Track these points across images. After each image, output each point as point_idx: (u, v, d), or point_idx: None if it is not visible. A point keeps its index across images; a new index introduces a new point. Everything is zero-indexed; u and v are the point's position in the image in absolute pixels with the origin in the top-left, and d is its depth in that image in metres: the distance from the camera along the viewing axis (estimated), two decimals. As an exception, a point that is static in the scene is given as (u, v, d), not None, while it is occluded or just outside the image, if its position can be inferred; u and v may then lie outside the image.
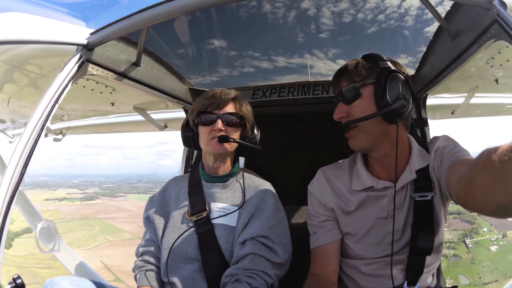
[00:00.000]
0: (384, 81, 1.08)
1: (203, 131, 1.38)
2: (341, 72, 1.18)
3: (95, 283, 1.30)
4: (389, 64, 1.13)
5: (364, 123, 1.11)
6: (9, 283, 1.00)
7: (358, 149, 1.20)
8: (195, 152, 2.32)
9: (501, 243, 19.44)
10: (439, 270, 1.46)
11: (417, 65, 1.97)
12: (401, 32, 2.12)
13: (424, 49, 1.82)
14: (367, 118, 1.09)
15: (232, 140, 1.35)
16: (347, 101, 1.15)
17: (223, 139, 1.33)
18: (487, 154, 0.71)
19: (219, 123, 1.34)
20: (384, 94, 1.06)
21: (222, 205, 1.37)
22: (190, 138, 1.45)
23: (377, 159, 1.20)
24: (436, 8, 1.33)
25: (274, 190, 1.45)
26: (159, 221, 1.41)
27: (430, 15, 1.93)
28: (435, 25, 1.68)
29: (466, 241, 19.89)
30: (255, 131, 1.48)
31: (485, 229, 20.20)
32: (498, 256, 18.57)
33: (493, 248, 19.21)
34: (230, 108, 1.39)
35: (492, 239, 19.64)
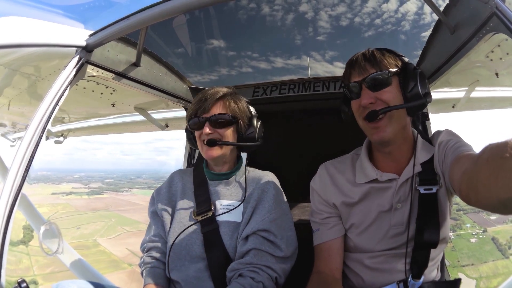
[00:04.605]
0: (414, 74, 1.12)
1: (196, 136, 1.38)
2: (367, 59, 1.15)
3: (100, 286, 1.31)
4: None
5: (397, 112, 1.11)
6: (14, 287, 1.01)
7: (386, 139, 1.14)
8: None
9: (480, 236, 22.38)
10: (442, 263, 1.46)
11: (416, 60, 1.96)
12: (398, 34, 2.13)
13: (423, 47, 1.81)
14: (408, 105, 1.10)
15: (220, 142, 1.32)
16: (374, 87, 1.12)
17: (211, 143, 1.32)
18: (490, 150, 0.71)
19: (207, 128, 1.32)
20: (416, 87, 1.11)
21: (226, 202, 1.37)
22: (192, 140, 1.46)
23: (389, 153, 1.19)
24: (435, 2, 1.32)
25: (276, 181, 1.43)
26: (166, 217, 1.40)
27: (427, 14, 1.93)
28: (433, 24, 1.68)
29: (449, 233, 22.00)
30: (254, 125, 1.41)
31: (468, 225, 23.03)
32: (477, 246, 21.58)
33: (473, 240, 22.14)
34: (218, 108, 1.35)
35: (473, 233, 22.55)
